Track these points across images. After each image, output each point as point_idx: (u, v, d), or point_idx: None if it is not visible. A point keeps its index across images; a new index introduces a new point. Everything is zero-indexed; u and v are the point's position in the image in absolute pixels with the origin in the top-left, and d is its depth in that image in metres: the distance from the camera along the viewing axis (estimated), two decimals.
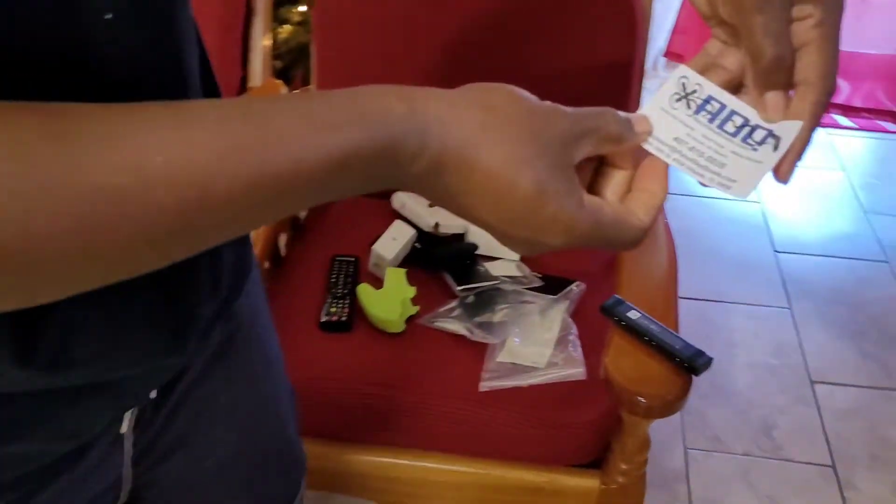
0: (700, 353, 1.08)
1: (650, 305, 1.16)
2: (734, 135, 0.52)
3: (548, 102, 0.46)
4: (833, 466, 1.70)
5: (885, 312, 2.09)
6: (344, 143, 0.39)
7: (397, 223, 1.41)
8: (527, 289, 1.33)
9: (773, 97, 0.51)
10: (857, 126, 2.82)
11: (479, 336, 1.25)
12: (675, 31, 2.85)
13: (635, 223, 0.49)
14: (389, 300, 1.26)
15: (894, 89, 2.74)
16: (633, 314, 1.13)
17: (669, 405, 1.05)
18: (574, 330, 1.27)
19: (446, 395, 1.19)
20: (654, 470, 1.60)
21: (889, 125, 2.80)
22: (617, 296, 1.16)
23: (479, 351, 1.24)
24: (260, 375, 0.76)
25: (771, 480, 1.66)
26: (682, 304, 1.20)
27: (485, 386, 1.19)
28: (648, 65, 2.99)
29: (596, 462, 1.20)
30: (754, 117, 0.52)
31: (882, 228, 2.38)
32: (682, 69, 0.54)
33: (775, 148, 0.51)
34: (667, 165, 0.51)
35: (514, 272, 1.36)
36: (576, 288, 1.34)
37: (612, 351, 1.10)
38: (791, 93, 0.51)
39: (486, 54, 1.48)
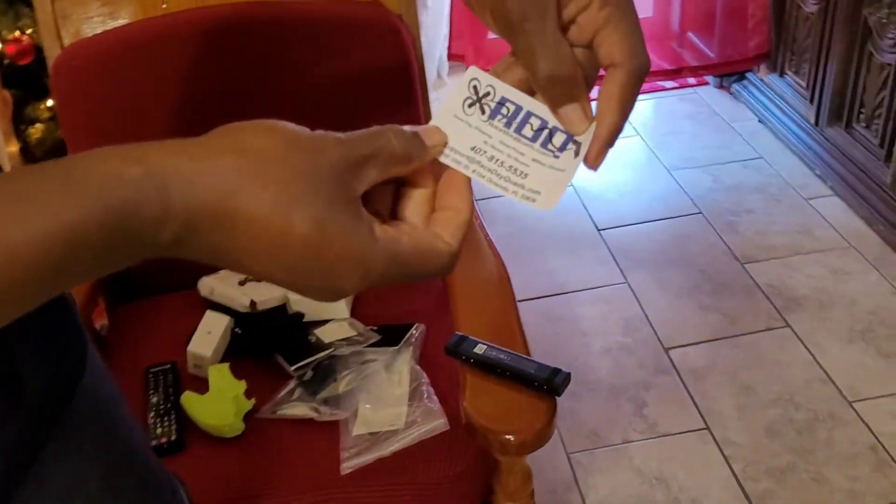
0: (556, 371, 1.02)
1: (494, 332, 1.10)
2: (533, 139, 0.49)
3: (317, 131, 0.41)
4: (708, 428, 1.71)
5: (710, 262, 2.15)
6: (60, 219, 0.34)
7: (209, 314, 1.27)
8: (366, 347, 1.24)
9: (565, 112, 0.48)
10: None
11: (327, 414, 1.14)
12: (452, 35, 2.85)
13: (441, 248, 0.45)
14: (219, 403, 1.13)
15: (660, 48, 2.85)
16: (480, 348, 1.06)
17: (541, 434, 0.99)
18: (425, 378, 1.18)
19: (307, 488, 1.07)
20: (543, 486, 1.55)
21: (665, 83, 2.92)
22: (458, 333, 1.09)
23: (332, 430, 1.13)
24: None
25: (656, 460, 1.65)
26: (524, 306, 1.14)
27: (347, 467, 1.08)
28: (432, 75, 2.97)
29: None
30: (553, 118, 0.48)
31: (686, 182, 2.46)
32: (472, 70, 0.49)
33: (577, 154, 0.48)
34: (468, 178, 0.48)
35: (348, 333, 1.26)
36: (415, 332, 1.26)
37: (468, 393, 1.02)
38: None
39: (251, 104, 1.37)
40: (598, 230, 2.28)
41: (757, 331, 1.94)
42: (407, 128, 0.45)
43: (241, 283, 1.33)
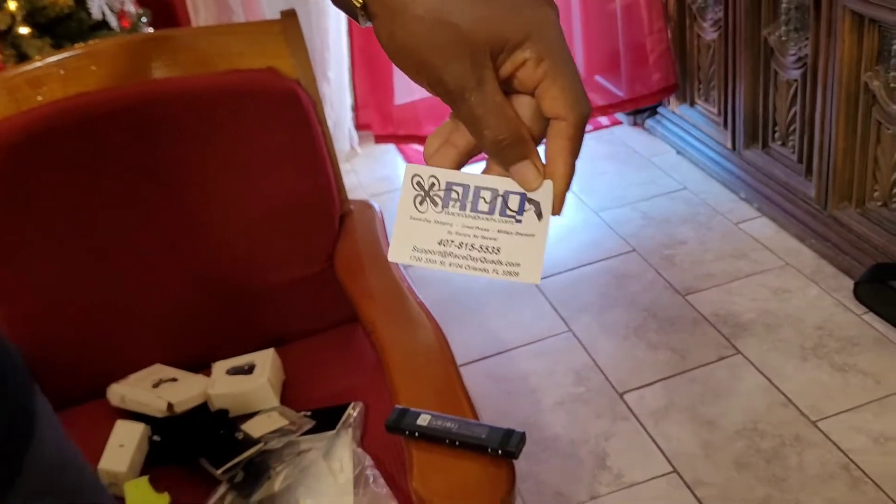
0: (510, 433, 0.93)
1: (438, 401, 1.00)
2: (490, 212, 0.49)
3: None
4: (675, 471, 1.62)
5: (652, 298, 2.10)
6: None
7: (119, 424, 1.15)
8: (300, 436, 1.12)
9: (517, 170, 0.47)
10: None
11: None
12: (358, 106, 2.80)
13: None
14: None
15: None
16: (424, 419, 0.96)
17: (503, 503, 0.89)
18: (368, 461, 1.07)
19: None
20: None
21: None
22: (398, 406, 0.99)
23: None
24: None
25: None
26: (467, 370, 1.05)
27: None
28: (344, 147, 2.91)
29: None
30: (501, 184, 0.48)
31: (615, 221, 2.42)
32: (410, 168, 0.50)
33: (539, 215, 0.48)
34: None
35: (279, 423, 1.14)
36: (353, 411, 1.15)
37: (416, 470, 0.92)
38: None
39: (147, 183, 1.28)
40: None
41: (709, 362, 1.87)
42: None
43: (155, 385, 1.21)
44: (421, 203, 0.49)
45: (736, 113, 2.39)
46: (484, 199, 0.49)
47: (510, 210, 0.48)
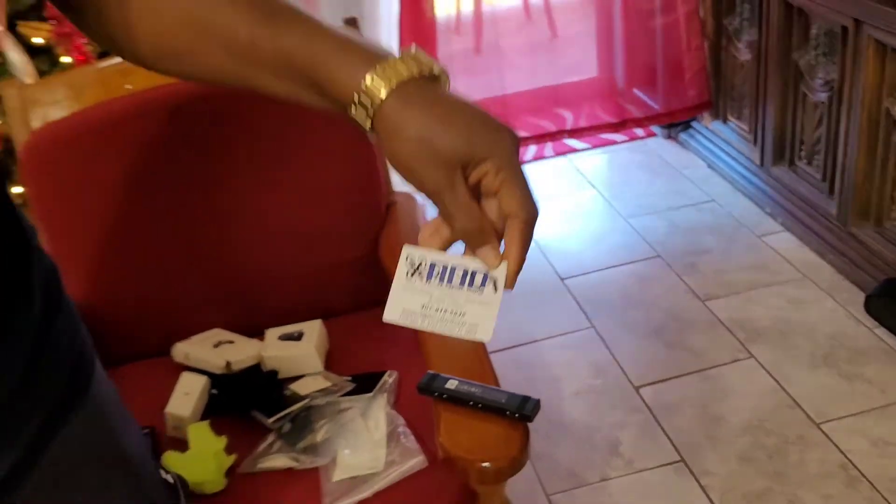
0: (526, 399, 1.06)
1: (464, 369, 1.14)
2: (461, 285, 0.63)
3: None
4: (683, 460, 1.74)
5: (673, 302, 2.21)
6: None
7: (185, 375, 1.30)
8: (341, 396, 1.27)
9: (481, 253, 0.61)
10: (590, 145, 3.02)
11: (307, 462, 1.16)
12: None
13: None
14: (200, 460, 1.15)
15: (607, 104, 2.97)
16: (451, 383, 1.10)
17: (516, 460, 1.02)
18: (401, 420, 1.21)
19: None
20: None
21: (615, 136, 3.03)
22: (430, 371, 1.13)
23: (313, 478, 1.15)
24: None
25: (634, 496, 1.68)
26: (494, 357, 1.18)
27: None
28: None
29: None
30: (469, 263, 0.62)
31: (643, 228, 2.54)
32: (406, 249, 0.64)
33: (496, 289, 0.62)
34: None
35: (323, 384, 1.29)
36: (389, 378, 1.29)
37: (443, 427, 1.06)
38: None
39: (221, 171, 1.43)
40: (562, 279, 2.34)
41: (723, 363, 1.99)
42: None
43: (216, 346, 1.37)
44: (411, 276, 0.64)
45: (765, 131, 2.49)
46: (458, 275, 0.63)
47: (475, 285, 0.62)
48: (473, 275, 0.63)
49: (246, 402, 1.27)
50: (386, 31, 2.76)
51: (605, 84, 3.06)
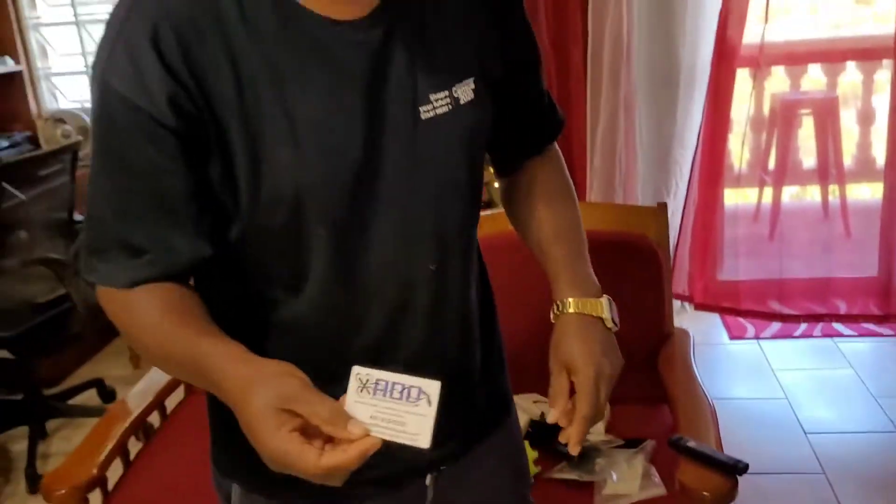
0: (739, 461, 1.61)
1: (700, 437, 1.71)
2: (401, 398, 0.75)
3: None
4: None
5: None
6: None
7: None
8: (614, 448, 1.88)
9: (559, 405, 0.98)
10: (856, 333, 3.40)
11: (586, 477, 1.78)
12: (673, 269, 3.48)
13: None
14: None
15: (878, 302, 3.34)
16: (692, 443, 1.68)
17: (726, 496, 1.56)
18: (653, 470, 1.80)
19: None
20: None
21: (883, 329, 3.38)
22: (677, 434, 1.72)
23: (588, 492, 1.77)
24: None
25: None
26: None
27: None
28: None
29: None
30: (407, 381, 0.76)
31: (891, 408, 2.88)
32: (355, 370, 0.77)
33: (429, 403, 0.75)
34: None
35: (604, 437, 1.91)
36: (648, 445, 1.89)
37: (682, 468, 1.63)
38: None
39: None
40: (804, 431, 2.76)
41: None
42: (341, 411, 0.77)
43: (535, 402, 2.05)
44: (360, 392, 0.75)
45: None
46: (397, 390, 0.74)
47: (412, 398, 0.74)
48: (410, 389, 0.74)
49: (551, 437, 1.92)
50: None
51: (882, 284, 3.41)
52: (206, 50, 0.84)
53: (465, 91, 0.96)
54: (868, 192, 4.15)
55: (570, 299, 1.01)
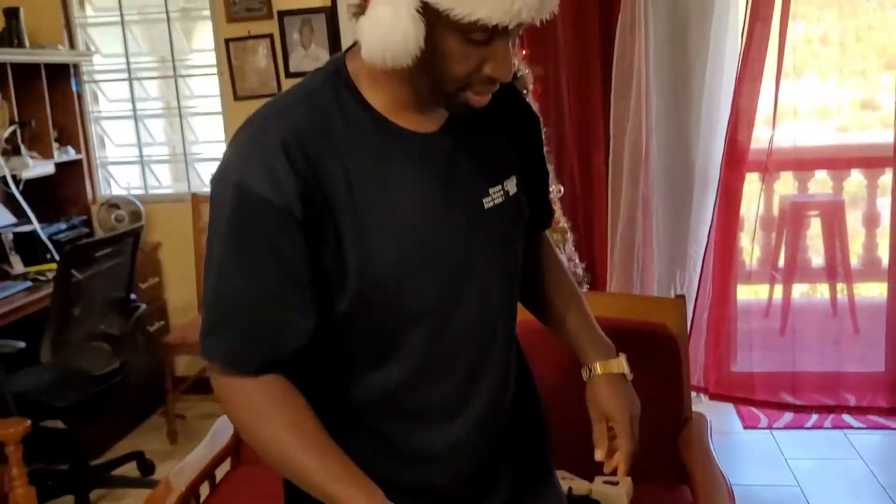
0: None
1: None
2: None
3: None
4: None
5: None
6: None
7: None
8: None
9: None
10: (865, 425, 3.53)
11: None
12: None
13: None
14: None
15: (886, 395, 3.49)
16: None
17: None
18: None
19: None
20: None
21: (891, 422, 3.51)
22: None
23: None
24: None
25: None
26: None
27: None
28: None
29: None
30: None
31: None
32: None
33: None
34: None
35: None
36: None
37: None
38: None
39: None
40: None
41: None
42: None
43: (563, 478, 2.21)
44: None
45: None
46: None
47: None
48: None
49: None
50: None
51: (890, 379, 3.57)
52: (324, 158, 1.06)
53: (511, 185, 1.20)
54: (876, 291, 4.33)
55: (598, 364, 1.29)
